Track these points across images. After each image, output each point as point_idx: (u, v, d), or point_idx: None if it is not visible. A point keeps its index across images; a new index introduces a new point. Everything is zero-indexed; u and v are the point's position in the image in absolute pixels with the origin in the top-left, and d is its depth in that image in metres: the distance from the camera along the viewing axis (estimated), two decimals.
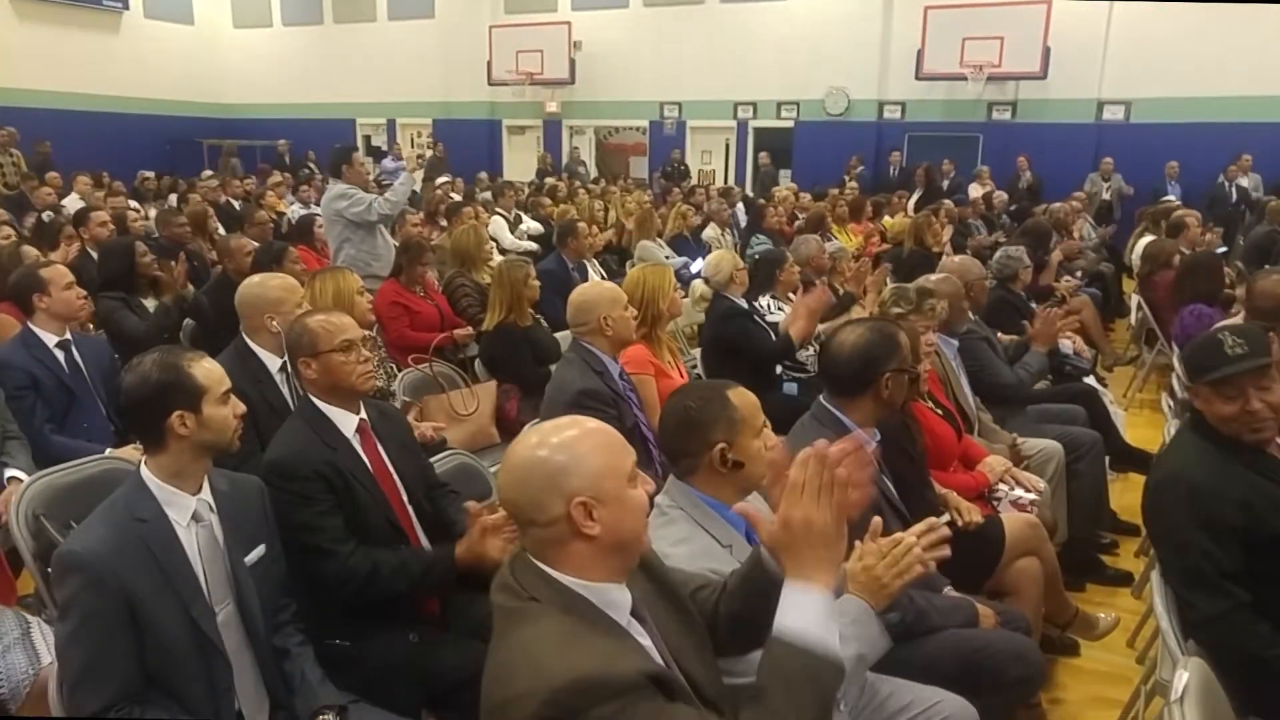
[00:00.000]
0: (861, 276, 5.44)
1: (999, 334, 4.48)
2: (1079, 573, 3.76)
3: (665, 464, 2.19)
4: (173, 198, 11.00)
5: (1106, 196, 11.98)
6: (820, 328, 4.32)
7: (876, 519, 1.71)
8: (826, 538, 1.33)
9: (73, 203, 8.93)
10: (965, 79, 13.21)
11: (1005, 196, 11.30)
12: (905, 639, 1.95)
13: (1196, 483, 2.13)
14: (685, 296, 5.72)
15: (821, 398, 2.37)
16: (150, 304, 4.50)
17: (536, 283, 4.26)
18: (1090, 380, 5.03)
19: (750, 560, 1.60)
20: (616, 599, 1.40)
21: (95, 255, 5.48)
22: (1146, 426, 5.42)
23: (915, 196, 11.60)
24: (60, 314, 3.36)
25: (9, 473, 2.94)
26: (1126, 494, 4.48)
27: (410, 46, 17.41)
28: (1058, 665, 3.23)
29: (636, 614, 1.45)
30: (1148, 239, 7.53)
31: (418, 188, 9.32)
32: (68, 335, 3.40)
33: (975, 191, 11.53)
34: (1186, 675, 1.73)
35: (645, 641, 1.43)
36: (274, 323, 3.01)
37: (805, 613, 1.31)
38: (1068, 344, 4.94)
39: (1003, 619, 2.38)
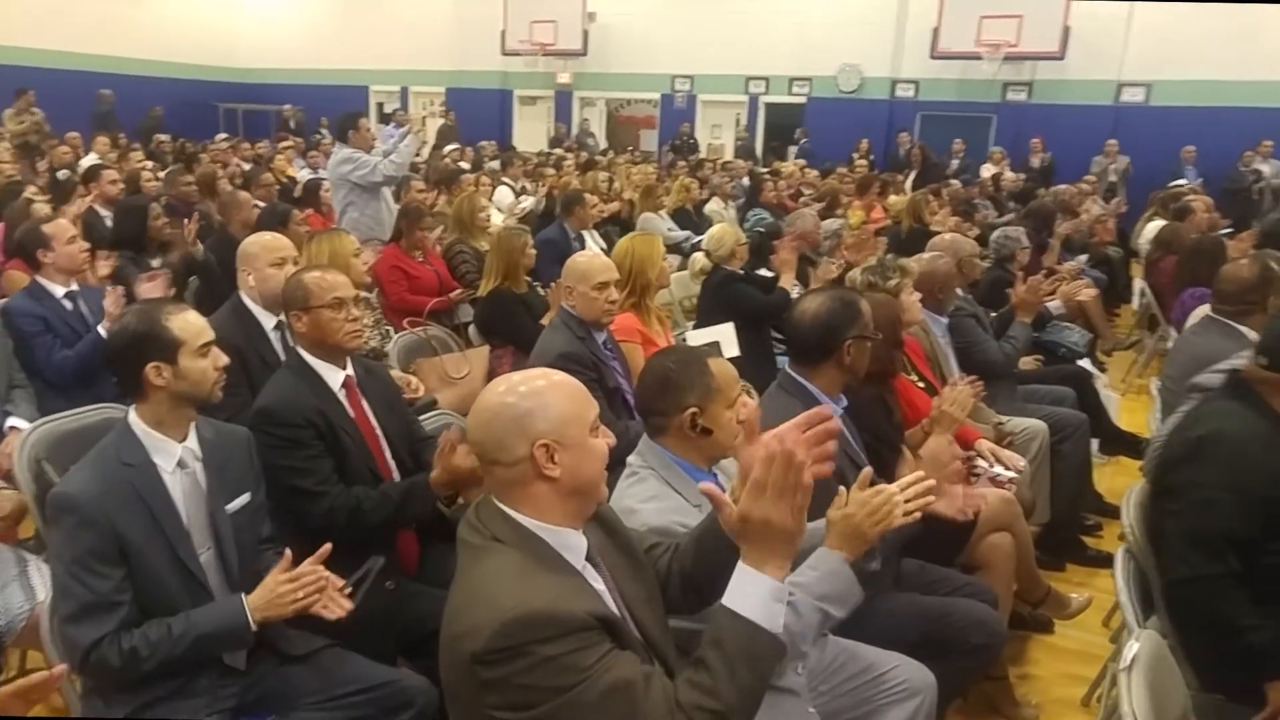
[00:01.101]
0: (862, 244, 5.45)
1: (993, 314, 4.50)
2: (1059, 552, 3.82)
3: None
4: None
5: (1113, 179, 11.89)
6: None
7: (867, 469, 1.76)
8: (784, 534, 1.34)
9: (90, 162, 9.01)
10: (981, 58, 13.09)
11: (1015, 177, 11.23)
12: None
13: (1242, 447, 2.15)
14: (685, 270, 5.77)
15: (787, 366, 2.41)
16: (157, 263, 4.57)
17: (533, 251, 4.31)
18: (1086, 363, 5.05)
19: (706, 522, 1.64)
20: (573, 542, 1.47)
21: (102, 213, 5.60)
22: (1143, 411, 5.44)
23: (913, 175, 11.54)
24: (65, 268, 3.44)
25: (10, 421, 3.03)
26: (1117, 477, 4.53)
27: (425, 14, 17.34)
28: (1030, 642, 3.29)
29: (591, 560, 1.51)
30: (1157, 223, 7.50)
31: (424, 153, 9.33)
32: (74, 287, 3.49)
33: (987, 172, 11.47)
34: (1137, 646, 1.79)
35: (599, 586, 1.49)
36: (250, 278, 3.04)
37: (754, 594, 1.35)
38: (1056, 301, 4.93)
39: (969, 591, 2.44)
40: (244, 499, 2.07)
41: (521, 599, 1.31)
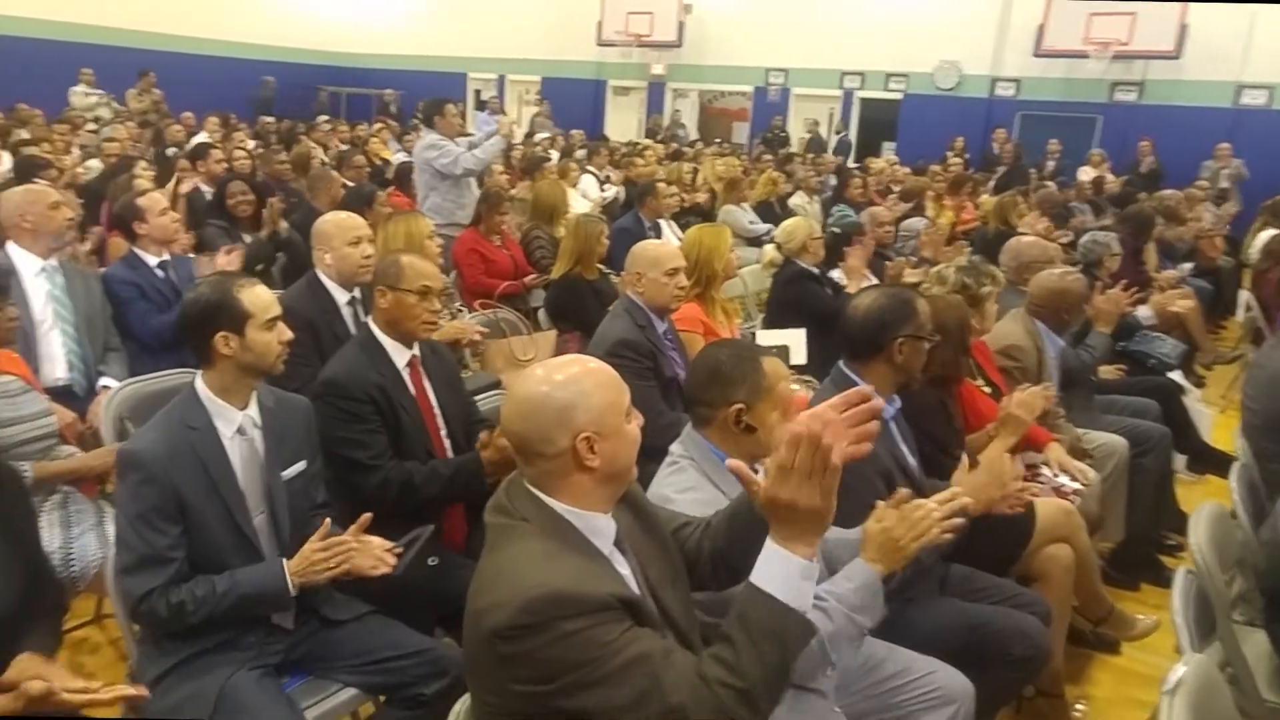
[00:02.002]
0: (934, 242, 5.31)
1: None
2: (1135, 571, 3.67)
3: None
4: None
5: (1225, 184, 11.26)
6: None
7: (903, 490, 1.74)
8: (812, 515, 1.33)
9: (199, 141, 9.46)
10: (1088, 57, 12.57)
11: (1116, 180, 10.75)
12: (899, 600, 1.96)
13: None
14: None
15: (840, 362, 2.38)
16: (249, 239, 4.77)
17: (607, 241, 4.34)
18: (1178, 376, 4.83)
19: (739, 499, 1.64)
20: (602, 527, 1.48)
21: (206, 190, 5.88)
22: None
23: (997, 176, 11.14)
24: (158, 238, 3.62)
25: (102, 381, 3.22)
26: (1206, 496, 4.31)
27: (523, 4, 17.60)
28: (1093, 661, 3.17)
29: (619, 544, 1.52)
30: (1268, 233, 7.10)
31: (512, 146, 9.46)
32: (167, 256, 3.67)
33: (1085, 175, 11.01)
34: (1184, 669, 1.71)
35: (624, 570, 1.50)
36: (326, 256, 3.15)
37: (782, 572, 1.34)
38: (1146, 310, 4.70)
39: (1018, 602, 2.37)
40: (299, 467, 2.15)
41: (546, 578, 1.33)
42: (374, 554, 2.02)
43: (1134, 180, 11.19)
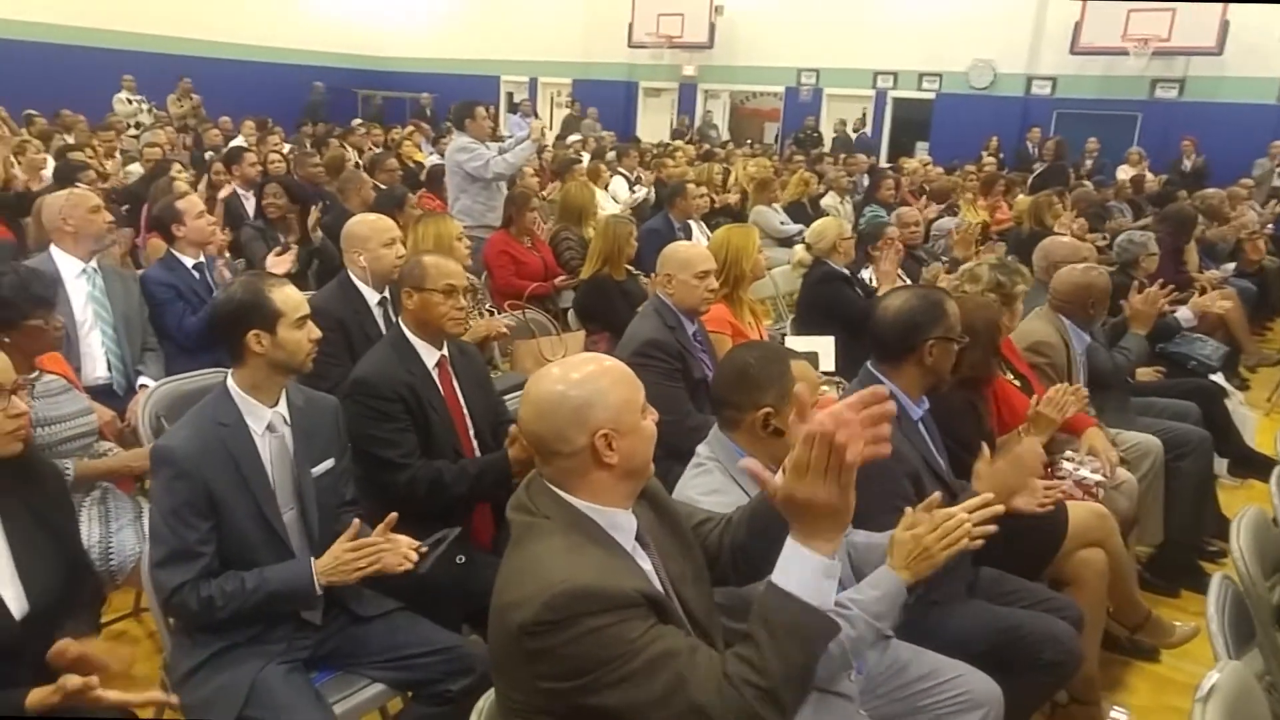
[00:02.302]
0: (965, 242, 5.24)
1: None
2: (1175, 577, 3.60)
3: None
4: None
5: (1277, 183, 11.01)
6: None
7: (936, 494, 1.72)
8: (830, 511, 1.32)
9: (239, 145, 9.62)
10: (1127, 53, 12.37)
11: (1155, 179, 10.56)
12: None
13: None
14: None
15: (869, 363, 2.36)
16: (293, 239, 4.85)
17: (635, 242, 4.34)
18: (1219, 378, 4.73)
19: (759, 496, 1.63)
20: (623, 522, 1.49)
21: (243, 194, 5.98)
22: None
23: (1033, 175, 10.97)
24: (195, 240, 3.69)
25: (140, 380, 3.30)
26: (1249, 501, 4.21)
27: (555, 7, 17.69)
28: (1131, 669, 3.12)
29: (640, 539, 1.53)
30: None
31: (544, 148, 9.50)
32: (202, 259, 3.74)
33: (1125, 173, 10.83)
34: (1217, 676, 1.68)
35: (646, 565, 1.51)
36: (360, 258, 3.20)
37: (801, 571, 1.34)
38: (1187, 312, 4.60)
39: (1049, 606, 2.34)
40: (328, 464, 2.18)
41: (570, 574, 1.33)
42: (401, 552, 2.03)
43: (1176, 179, 10.99)
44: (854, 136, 15.18)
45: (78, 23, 15.02)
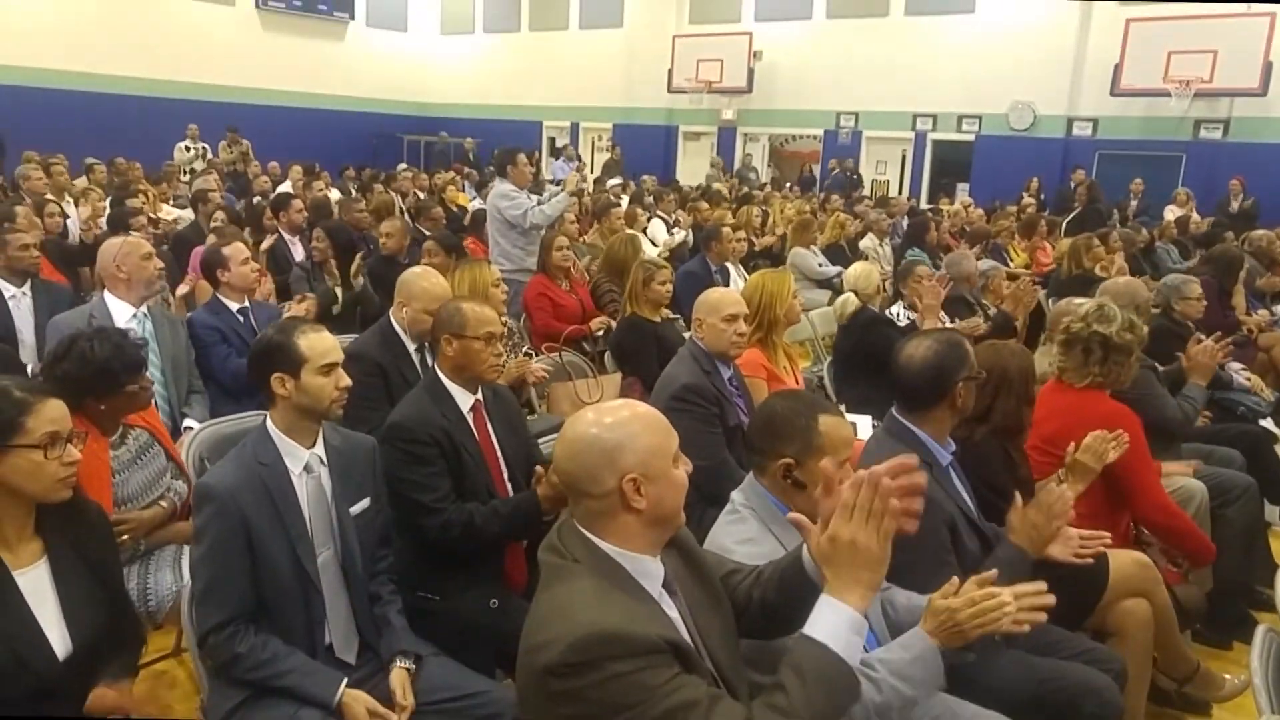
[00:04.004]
0: (1020, 297, 5.21)
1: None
2: (1227, 628, 3.49)
3: None
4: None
5: None
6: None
7: (992, 571, 1.70)
8: (870, 560, 1.37)
9: (286, 189, 9.88)
10: (1169, 95, 12.27)
11: (1202, 221, 10.39)
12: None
13: None
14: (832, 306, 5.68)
15: (894, 410, 2.35)
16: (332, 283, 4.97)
17: (661, 286, 4.28)
18: (1269, 424, 4.62)
19: (791, 557, 1.64)
20: (650, 569, 1.51)
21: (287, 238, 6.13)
22: None
23: (1070, 217, 10.85)
24: (239, 285, 3.80)
25: (186, 422, 3.37)
26: None
27: (597, 54, 18.07)
28: None
29: (668, 587, 1.54)
30: None
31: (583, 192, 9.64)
32: (247, 303, 3.84)
33: (1172, 214, 10.67)
34: None
35: (673, 613, 1.52)
36: (404, 310, 3.25)
37: (835, 625, 1.37)
38: (1242, 379, 4.53)
39: (1090, 658, 2.28)
40: (364, 504, 2.22)
41: (596, 618, 1.35)
42: None
43: (1224, 220, 10.82)
44: (849, 176, 15.15)
45: (139, 74, 15.72)
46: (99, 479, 2.36)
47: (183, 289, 4.71)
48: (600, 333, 4.88)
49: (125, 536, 2.45)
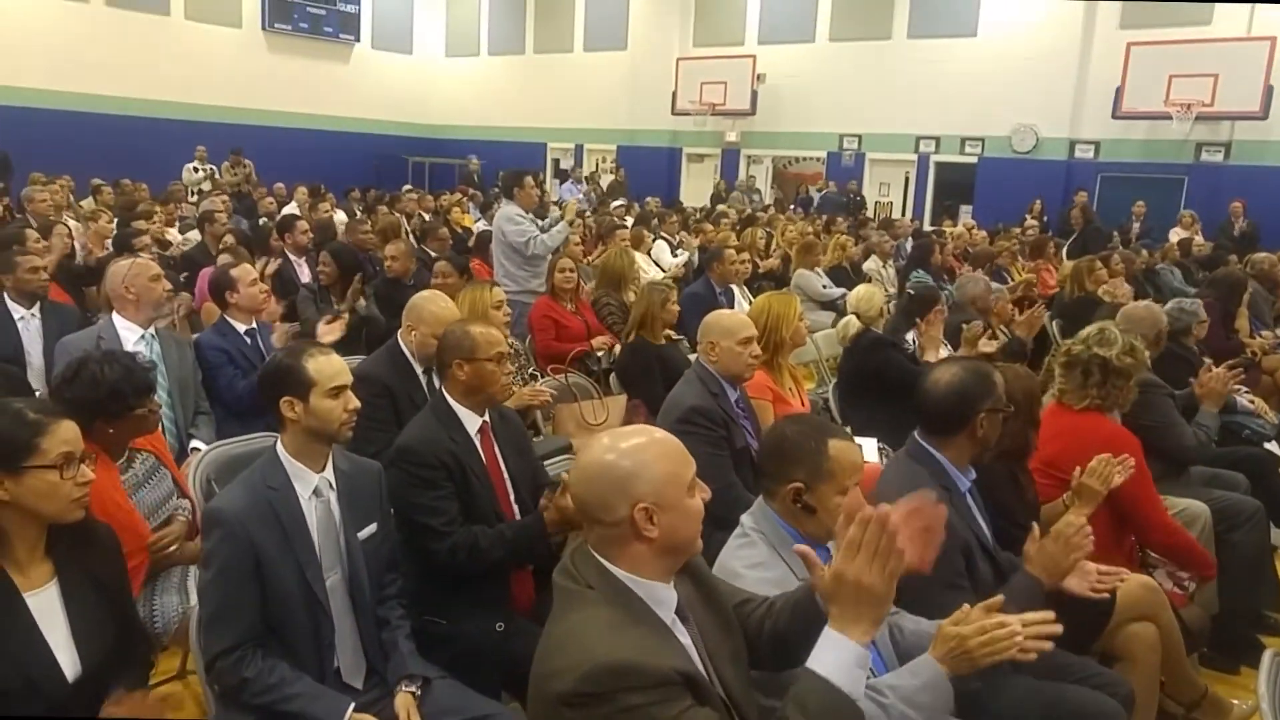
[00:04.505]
0: (1033, 323, 5.23)
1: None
2: (1234, 653, 3.47)
3: None
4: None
5: None
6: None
7: (999, 597, 1.69)
8: (874, 598, 1.37)
9: (291, 210, 9.92)
10: (1170, 118, 12.33)
11: (1205, 244, 10.42)
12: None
13: None
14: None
15: (916, 434, 2.35)
16: (344, 307, 4.98)
17: (675, 307, 4.37)
18: (1274, 446, 4.62)
19: (804, 589, 1.65)
20: (663, 597, 1.51)
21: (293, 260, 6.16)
22: None
23: (1070, 240, 10.88)
24: (247, 307, 3.82)
25: (193, 444, 3.38)
26: None
27: (601, 76, 18.20)
28: None
29: (681, 614, 1.54)
30: None
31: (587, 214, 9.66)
32: (254, 325, 3.85)
33: (1176, 236, 10.70)
34: None
35: (685, 641, 1.52)
36: (413, 334, 3.26)
37: (837, 659, 1.37)
38: (1246, 401, 4.53)
39: (1098, 682, 2.27)
40: (371, 528, 2.23)
41: (610, 649, 1.35)
42: None
43: (1226, 243, 10.85)
44: (815, 198, 15.26)
45: (148, 95, 15.85)
46: (114, 503, 2.34)
47: (181, 309, 4.73)
48: (602, 352, 4.89)
49: (173, 548, 2.50)
